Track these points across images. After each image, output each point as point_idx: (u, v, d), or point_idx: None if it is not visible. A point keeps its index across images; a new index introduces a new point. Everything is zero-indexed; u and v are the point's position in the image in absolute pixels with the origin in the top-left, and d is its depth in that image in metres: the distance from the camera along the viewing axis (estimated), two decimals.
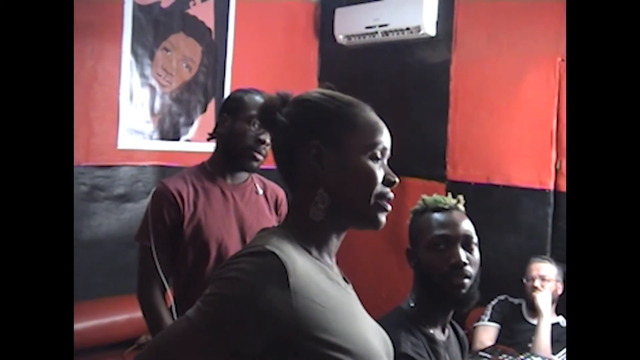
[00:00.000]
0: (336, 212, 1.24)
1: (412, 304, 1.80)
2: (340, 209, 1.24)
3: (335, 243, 1.29)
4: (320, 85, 1.35)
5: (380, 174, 1.25)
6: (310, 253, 1.23)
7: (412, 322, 1.75)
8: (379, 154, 1.26)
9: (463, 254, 1.75)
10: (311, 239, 1.25)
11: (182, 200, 2.21)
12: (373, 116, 1.30)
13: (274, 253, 1.12)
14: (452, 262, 1.74)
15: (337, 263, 1.33)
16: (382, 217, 1.26)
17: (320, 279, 1.18)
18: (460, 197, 1.92)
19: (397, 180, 1.27)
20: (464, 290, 1.73)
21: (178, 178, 2.28)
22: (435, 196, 1.89)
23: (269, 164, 2.28)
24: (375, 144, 1.25)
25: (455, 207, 1.87)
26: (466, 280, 1.73)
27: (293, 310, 1.10)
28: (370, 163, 1.24)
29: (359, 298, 1.33)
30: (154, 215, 2.21)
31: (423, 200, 1.92)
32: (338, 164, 1.23)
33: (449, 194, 1.95)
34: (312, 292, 1.14)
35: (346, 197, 1.23)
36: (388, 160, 1.30)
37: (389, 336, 1.38)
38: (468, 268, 1.74)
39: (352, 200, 1.24)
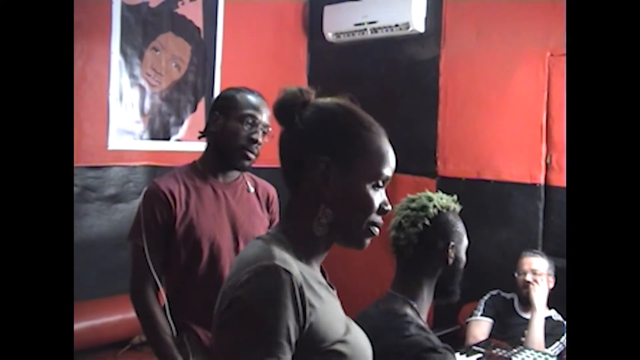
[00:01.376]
0: (330, 229, 1.26)
1: (414, 304, 1.85)
2: (334, 227, 1.25)
3: (323, 254, 1.32)
4: (341, 95, 1.34)
5: (377, 203, 1.27)
6: (300, 260, 1.24)
7: (417, 321, 1.81)
8: (381, 183, 1.28)
9: None
10: (303, 248, 1.26)
11: (174, 199, 2.20)
12: (386, 144, 1.31)
13: (285, 269, 1.14)
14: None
15: (326, 260, 1.35)
16: (368, 241, 1.29)
17: (313, 284, 1.21)
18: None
19: (390, 208, 1.30)
20: None
21: (169, 177, 2.28)
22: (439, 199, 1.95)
23: (260, 162, 2.30)
24: (381, 174, 1.27)
25: None
26: None
27: (306, 321, 1.14)
28: (372, 192, 1.26)
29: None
30: (145, 215, 2.21)
31: (444, 201, 1.96)
32: (342, 187, 1.24)
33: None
34: (313, 300, 1.17)
35: (342, 219, 1.25)
36: None
37: (404, 341, 1.56)
38: None
39: (347, 222, 1.26)
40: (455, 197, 1.98)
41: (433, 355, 1.68)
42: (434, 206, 1.90)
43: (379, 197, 1.27)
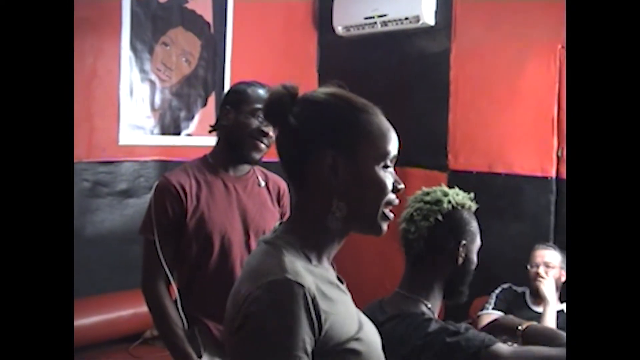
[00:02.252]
0: (347, 220, 1.24)
1: (429, 305, 1.82)
2: (349, 217, 1.24)
3: (336, 247, 1.30)
4: (327, 83, 1.32)
5: (390, 183, 1.26)
6: (310, 260, 1.23)
7: (435, 318, 1.79)
8: (389, 163, 1.27)
9: None
10: (313, 245, 1.25)
11: (185, 193, 2.21)
12: (385, 122, 1.29)
13: (297, 282, 1.13)
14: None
15: (338, 254, 1.34)
16: (385, 226, 1.28)
17: (325, 288, 1.19)
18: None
19: (403, 186, 1.28)
20: None
21: (180, 171, 2.28)
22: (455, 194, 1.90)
23: (271, 156, 2.30)
24: (387, 153, 1.26)
25: None
26: None
27: (322, 329, 1.13)
28: (382, 173, 1.25)
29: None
30: (157, 209, 2.21)
31: (460, 197, 1.90)
32: (353, 175, 1.23)
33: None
34: (326, 307, 1.16)
35: (357, 207, 1.24)
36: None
37: (429, 338, 1.59)
38: None
39: (363, 209, 1.25)
40: (472, 195, 1.92)
41: (458, 337, 1.66)
42: (449, 202, 1.84)
43: (389, 176, 1.26)
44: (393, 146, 1.27)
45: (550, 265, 3.27)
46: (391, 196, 1.26)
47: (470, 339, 1.66)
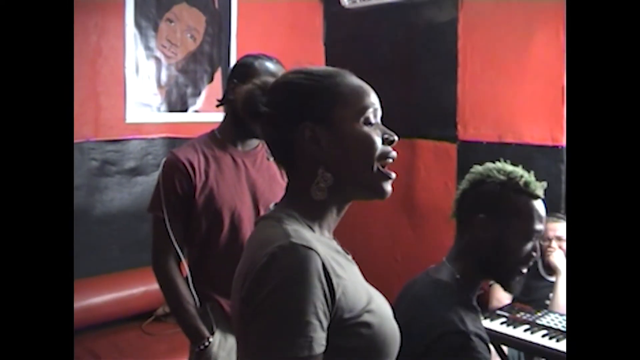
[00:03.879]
0: (338, 188, 1.23)
1: (457, 276, 1.70)
2: (343, 184, 1.23)
3: (335, 219, 1.29)
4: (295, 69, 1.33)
5: (378, 137, 1.23)
6: (313, 230, 1.22)
7: (463, 297, 1.68)
8: (372, 118, 1.24)
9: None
10: (312, 217, 1.24)
11: (194, 169, 2.19)
12: (355, 81, 1.28)
13: (303, 245, 1.11)
14: (533, 256, 1.72)
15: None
16: (387, 186, 1.24)
17: (334, 255, 1.18)
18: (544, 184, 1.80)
19: (396, 138, 1.25)
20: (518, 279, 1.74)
21: (188, 147, 2.27)
22: (528, 177, 1.76)
23: None
24: (365, 108, 1.24)
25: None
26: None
27: (336, 294, 1.11)
28: (366, 129, 1.23)
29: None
30: (165, 186, 2.20)
31: (514, 176, 1.75)
32: (335, 139, 1.22)
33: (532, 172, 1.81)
34: (338, 270, 1.14)
35: (349, 170, 1.22)
36: (385, 123, 1.28)
37: (441, 315, 1.50)
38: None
39: (355, 171, 1.23)
40: (531, 176, 1.78)
41: (459, 340, 1.57)
42: (481, 174, 1.76)
43: (375, 130, 1.24)
44: (370, 100, 1.25)
45: (562, 238, 3.27)
46: (384, 149, 1.23)
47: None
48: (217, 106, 2.35)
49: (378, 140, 1.23)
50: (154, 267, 2.25)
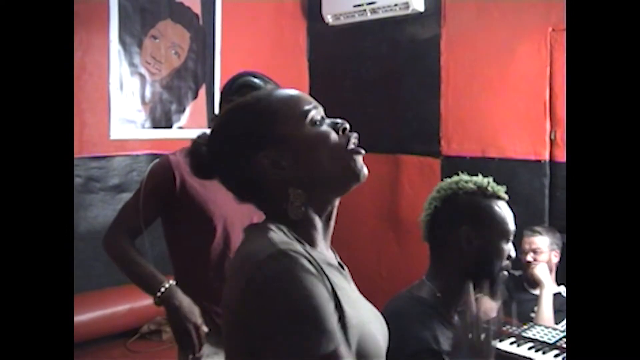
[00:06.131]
0: (314, 198, 1.21)
1: (438, 294, 1.72)
2: (318, 191, 1.21)
3: (324, 228, 1.25)
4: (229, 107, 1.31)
5: (329, 131, 1.22)
6: (301, 243, 1.17)
7: (442, 315, 1.69)
8: (316, 116, 1.22)
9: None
10: (299, 234, 1.19)
11: (178, 168, 2.21)
12: (286, 91, 1.27)
13: (293, 250, 1.09)
14: (512, 256, 1.78)
15: (333, 244, 1.29)
16: (359, 159, 1.22)
17: (325, 268, 1.14)
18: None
19: (347, 125, 1.24)
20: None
21: (173, 154, 2.28)
22: (492, 182, 1.84)
23: None
24: (305, 112, 1.22)
25: None
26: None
27: (337, 293, 1.10)
28: (315, 129, 1.21)
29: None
30: (148, 182, 2.22)
31: (482, 184, 1.82)
32: (294, 153, 1.19)
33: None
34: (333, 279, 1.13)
35: (317, 175, 1.20)
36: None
37: (415, 332, 1.47)
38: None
39: (324, 170, 1.20)
40: (490, 181, 1.85)
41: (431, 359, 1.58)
42: (450, 188, 1.80)
43: (325, 126, 1.22)
44: (305, 103, 1.23)
45: (539, 251, 3.31)
46: (341, 138, 1.21)
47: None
48: (212, 120, 2.36)
49: (332, 133, 1.21)
50: (105, 241, 2.27)
